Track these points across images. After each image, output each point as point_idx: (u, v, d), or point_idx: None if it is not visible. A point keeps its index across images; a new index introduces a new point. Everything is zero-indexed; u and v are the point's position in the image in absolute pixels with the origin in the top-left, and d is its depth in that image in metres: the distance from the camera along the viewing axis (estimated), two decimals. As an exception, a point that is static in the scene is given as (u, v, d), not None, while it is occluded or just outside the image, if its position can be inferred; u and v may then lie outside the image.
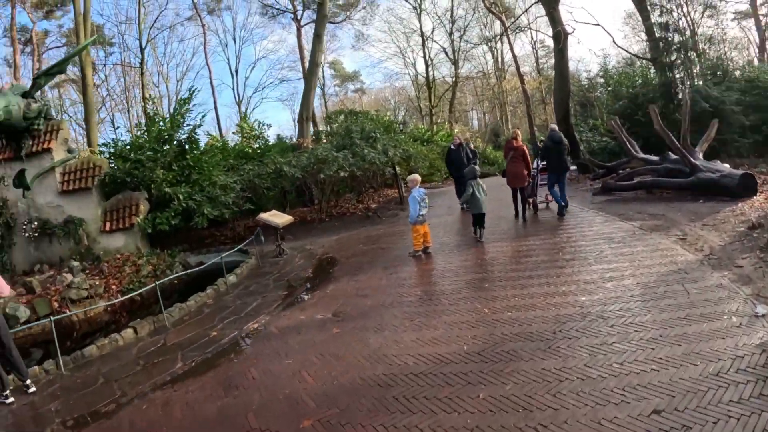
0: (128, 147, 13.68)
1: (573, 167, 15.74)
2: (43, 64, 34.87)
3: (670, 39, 19.17)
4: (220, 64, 69.92)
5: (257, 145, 19.83)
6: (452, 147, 14.28)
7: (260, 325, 7.01)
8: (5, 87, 12.42)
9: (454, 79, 42.49)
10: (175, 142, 13.43)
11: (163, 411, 4.83)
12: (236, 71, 46.10)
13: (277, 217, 11.71)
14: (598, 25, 21.13)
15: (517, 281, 6.81)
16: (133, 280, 11.22)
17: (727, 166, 11.93)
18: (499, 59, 47.10)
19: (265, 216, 11.57)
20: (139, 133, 14.53)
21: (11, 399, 5.61)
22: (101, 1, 62.95)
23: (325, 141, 20.45)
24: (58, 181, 12.87)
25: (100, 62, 39.54)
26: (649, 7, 20.14)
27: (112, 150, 13.96)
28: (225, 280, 9.61)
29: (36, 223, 12.68)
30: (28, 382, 5.85)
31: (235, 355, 6.08)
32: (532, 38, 45.09)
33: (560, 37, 19.09)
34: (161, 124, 13.71)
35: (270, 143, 21.08)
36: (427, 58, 42.37)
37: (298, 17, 38.73)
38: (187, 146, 13.71)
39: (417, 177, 9.57)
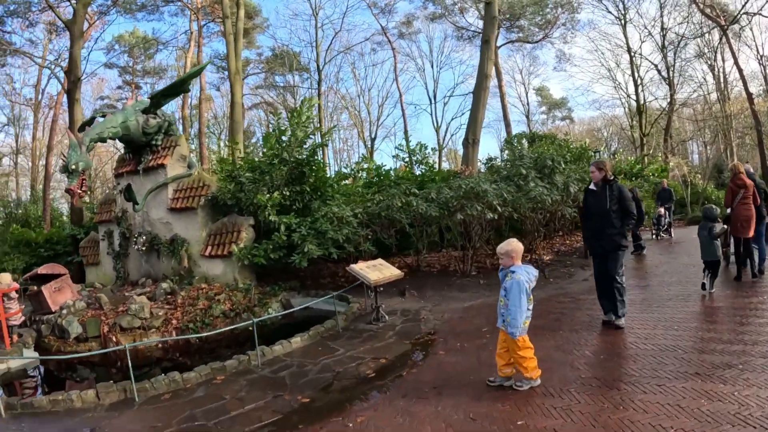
0: (238, 167, 11.98)
1: None
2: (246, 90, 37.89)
3: None
4: (419, 89, 70.06)
5: (420, 172, 17.04)
6: (592, 187, 7.12)
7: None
8: (128, 103, 12.19)
9: (669, 101, 34.85)
10: (289, 163, 11.30)
11: None
12: (434, 96, 44.64)
13: (376, 271, 8.68)
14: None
15: None
16: (196, 318, 9.54)
17: None
18: (720, 78, 37.79)
19: (358, 267, 8.67)
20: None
21: None
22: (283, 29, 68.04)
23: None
24: (170, 198, 11.94)
25: (303, 88, 41.36)
26: None
27: (229, 168, 12.43)
28: (260, 352, 6.95)
29: (145, 237, 12.17)
30: None
31: None
32: (758, 53, 35.38)
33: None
34: (284, 140, 11.68)
35: (435, 170, 18.04)
36: (636, 77, 35.59)
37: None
38: (305, 169, 11.48)
39: (515, 246, 5.07)
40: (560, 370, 5.29)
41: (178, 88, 12.77)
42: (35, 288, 10.59)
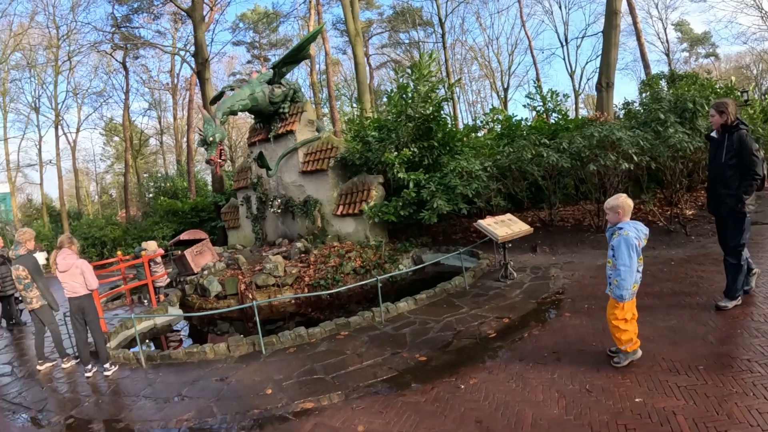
0: (365, 126, 12.20)
1: None
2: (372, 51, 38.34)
3: None
4: (548, 33, 65.83)
5: (553, 121, 16.17)
6: (713, 135, 5.65)
7: (314, 407, 4.60)
8: (253, 76, 12.68)
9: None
10: (415, 120, 11.27)
11: None
12: (565, 40, 41.80)
13: (504, 227, 8.43)
14: None
15: None
16: (327, 275, 9.96)
17: None
18: None
19: (485, 223, 8.45)
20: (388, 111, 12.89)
21: (92, 372, 6.32)
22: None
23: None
24: (300, 161, 12.45)
25: (429, 43, 40.73)
26: None
27: (356, 129, 12.70)
28: (384, 309, 7.11)
29: (279, 200, 12.91)
30: (107, 365, 6.39)
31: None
32: None
33: None
34: (408, 96, 11.64)
35: (569, 117, 16.98)
36: (781, 1, 30.49)
37: (624, -34, 32.07)
38: (432, 125, 11.42)
39: (623, 201, 4.48)
40: (691, 344, 4.70)
41: (297, 55, 13.14)
42: (179, 252, 11.70)
